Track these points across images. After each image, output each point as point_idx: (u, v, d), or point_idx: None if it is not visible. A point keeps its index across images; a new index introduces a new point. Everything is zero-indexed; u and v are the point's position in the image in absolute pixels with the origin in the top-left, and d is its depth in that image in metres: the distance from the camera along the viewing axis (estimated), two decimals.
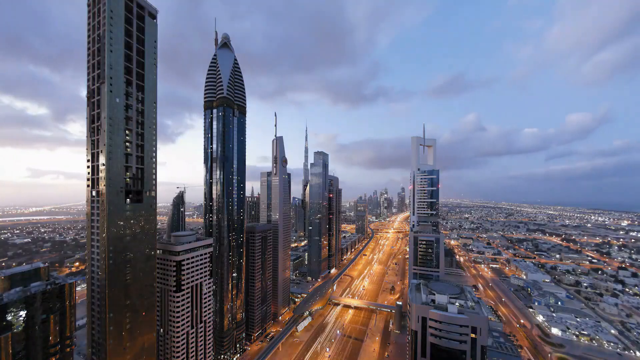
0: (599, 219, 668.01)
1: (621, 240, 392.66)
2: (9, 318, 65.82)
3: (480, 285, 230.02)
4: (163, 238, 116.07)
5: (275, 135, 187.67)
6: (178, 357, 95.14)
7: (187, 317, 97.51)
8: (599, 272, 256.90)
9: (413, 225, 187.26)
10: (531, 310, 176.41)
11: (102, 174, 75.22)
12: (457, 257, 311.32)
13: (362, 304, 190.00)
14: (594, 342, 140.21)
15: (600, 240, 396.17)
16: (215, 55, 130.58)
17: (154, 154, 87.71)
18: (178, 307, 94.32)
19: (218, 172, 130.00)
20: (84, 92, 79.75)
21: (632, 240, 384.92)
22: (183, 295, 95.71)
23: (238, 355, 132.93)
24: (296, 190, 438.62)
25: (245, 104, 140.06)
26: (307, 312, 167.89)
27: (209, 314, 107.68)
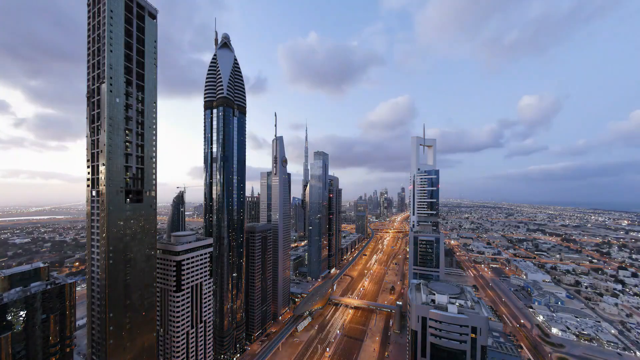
0: (599, 218, 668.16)
1: (621, 240, 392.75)
2: (9, 318, 65.87)
3: (480, 285, 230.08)
4: (163, 238, 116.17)
5: (275, 135, 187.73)
6: (178, 357, 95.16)
7: (187, 317, 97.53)
8: (599, 272, 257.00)
9: (413, 225, 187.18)
10: (531, 310, 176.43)
11: (102, 174, 75.26)
12: (457, 257, 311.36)
13: (362, 304, 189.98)
14: (594, 342, 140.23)
15: (601, 240, 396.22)
16: (215, 55, 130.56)
17: (154, 154, 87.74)
18: (178, 307, 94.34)
19: (218, 172, 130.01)
20: None
21: (632, 240, 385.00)
22: (183, 295, 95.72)
23: (238, 355, 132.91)
24: (296, 190, 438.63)
25: (245, 104, 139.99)
26: (307, 312, 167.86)
27: (209, 314, 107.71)
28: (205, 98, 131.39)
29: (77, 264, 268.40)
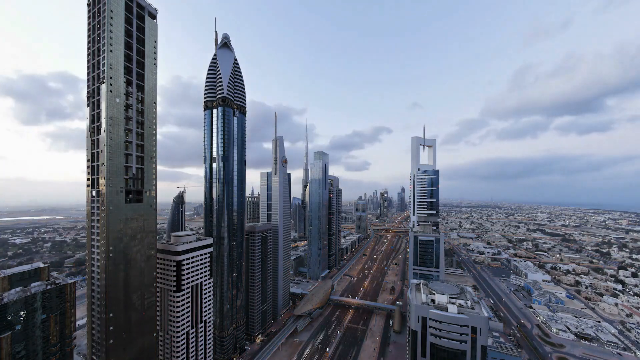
0: (599, 218, 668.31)
1: (621, 240, 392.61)
2: (9, 318, 65.87)
3: (480, 285, 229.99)
4: (163, 238, 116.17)
5: (275, 135, 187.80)
6: (178, 357, 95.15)
7: (187, 317, 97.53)
8: (599, 272, 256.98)
9: (413, 225, 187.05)
10: (531, 310, 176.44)
11: (102, 174, 75.27)
12: (457, 257, 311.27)
13: (362, 304, 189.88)
14: (594, 342, 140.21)
15: (601, 240, 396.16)
16: (215, 55, 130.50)
17: (154, 153, 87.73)
18: (178, 307, 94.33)
19: (218, 172, 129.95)
20: None
21: (632, 240, 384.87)
22: (183, 295, 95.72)
23: (238, 355, 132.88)
24: (296, 190, 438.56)
25: (245, 104, 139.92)
26: (307, 312, 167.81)
27: (209, 314, 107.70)
28: (205, 98, 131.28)
29: (77, 263, 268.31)
